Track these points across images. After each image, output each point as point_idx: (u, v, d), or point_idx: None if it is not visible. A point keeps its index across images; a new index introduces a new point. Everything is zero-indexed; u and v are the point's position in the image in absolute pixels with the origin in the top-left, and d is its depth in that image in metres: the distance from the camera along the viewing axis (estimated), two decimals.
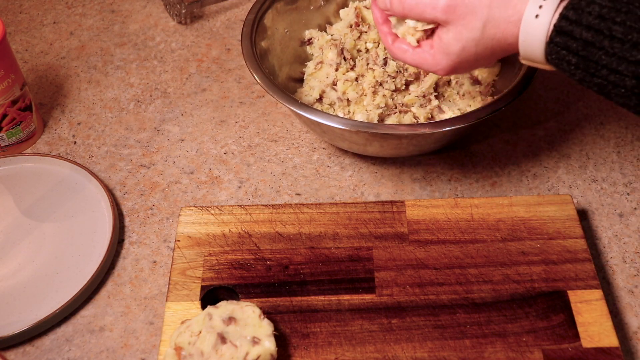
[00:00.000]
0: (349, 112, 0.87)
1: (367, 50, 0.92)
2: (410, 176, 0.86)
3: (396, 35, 0.72)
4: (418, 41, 0.70)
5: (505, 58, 0.91)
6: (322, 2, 0.96)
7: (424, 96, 0.87)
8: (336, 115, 0.80)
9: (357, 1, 0.96)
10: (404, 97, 0.88)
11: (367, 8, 0.95)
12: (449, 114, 0.86)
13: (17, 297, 0.75)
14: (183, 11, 1.05)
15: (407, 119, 0.86)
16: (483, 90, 0.88)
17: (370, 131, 0.76)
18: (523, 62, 0.65)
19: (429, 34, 0.69)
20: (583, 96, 0.94)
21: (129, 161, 0.89)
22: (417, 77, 0.89)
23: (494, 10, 0.62)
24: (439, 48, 0.67)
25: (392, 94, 0.87)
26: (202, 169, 0.88)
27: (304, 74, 0.93)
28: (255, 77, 0.82)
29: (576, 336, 0.68)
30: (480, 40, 0.64)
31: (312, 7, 0.96)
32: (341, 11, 0.96)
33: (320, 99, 0.89)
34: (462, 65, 0.67)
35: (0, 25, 0.83)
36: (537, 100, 0.94)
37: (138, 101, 0.96)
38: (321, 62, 0.91)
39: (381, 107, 0.85)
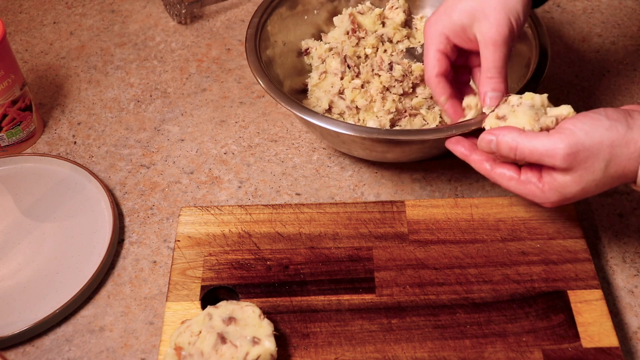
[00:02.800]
0: (359, 120, 0.87)
1: (367, 56, 0.92)
2: (410, 176, 0.86)
3: (494, 160, 0.67)
4: (521, 166, 0.66)
5: None
6: (316, 12, 0.96)
7: (431, 97, 0.87)
8: (365, 126, 0.80)
9: (350, 7, 0.96)
10: (412, 100, 0.87)
11: (361, 14, 0.95)
12: None
13: (17, 297, 0.75)
14: (183, 11, 1.06)
15: (417, 121, 0.86)
16: None
17: (403, 138, 0.76)
18: (635, 188, 0.64)
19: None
20: (583, 96, 0.94)
21: (129, 161, 0.89)
22: (422, 80, 0.89)
23: (616, 150, 0.60)
24: (551, 185, 0.63)
25: (400, 98, 0.87)
26: (202, 169, 0.88)
27: (305, 84, 0.93)
28: (278, 100, 0.80)
29: (576, 336, 0.68)
30: (601, 180, 0.61)
31: (306, 17, 0.95)
32: (335, 18, 0.96)
33: (329, 109, 0.88)
34: (573, 200, 0.64)
35: (0, 25, 0.83)
36: None
37: (138, 101, 0.96)
38: (325, 72, 0.90)
39: (392, 112, 0.85)
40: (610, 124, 0.60)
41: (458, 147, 0.70)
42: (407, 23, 0.97)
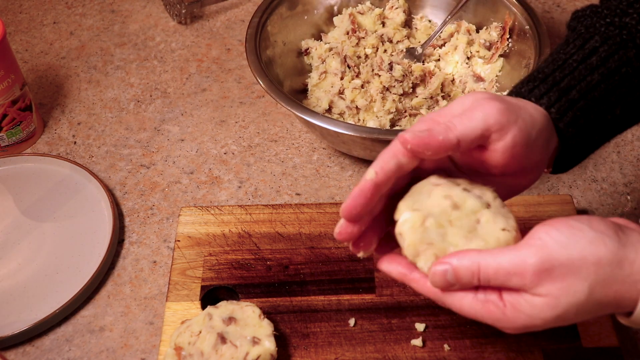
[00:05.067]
0: (359, 120, 0.87)
1: (367, 56, 0.92)
2: None
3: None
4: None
5: (504, 54, 0.91)
6: (316, 12, 0.96)
7: (431, 97, 0.87)
8: (365, 126, 0.79)
9: (350, 7, 0.96)
10: (412, 100, 0.87)
11: (361, 14, 0.95)
12: None
13: (17, 297, 0.75)
14: (183, 11, 1.06)
15: None
16: (487, 87, 0.88)
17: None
18: (624, 322, 0.52)
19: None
20: None
21: (129, 161, 0.89)
22: (423, 79, 0.89)
23: (604, 269, 0.48)
24: (517, 308, 0.50)
25: (400, 98, 0.87)
26: (202, 169, 0.88)
27: (305, 84, 0.93)
28: (278, 100, 0.80)
29: (576, 336, 0.68)
30: (584, 306, 0.49)
31: (306, 17, 0.95)
32: (335, 18, 0.96)
33: (329, 109, 0.88)
34: (544, 327, 0.50)
35: (0, 25, 0.83)
36: None
37: (138, 101, 0.96)
38: (325, 72, 0.90)
39: (392, 112, 0.85)
40: (596, 236, 0.48)
41: (393, 266, 0.55)
42: (407, 23, 0.97)
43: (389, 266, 0.55)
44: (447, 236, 0.52)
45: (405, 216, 0.53)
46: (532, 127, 0.54)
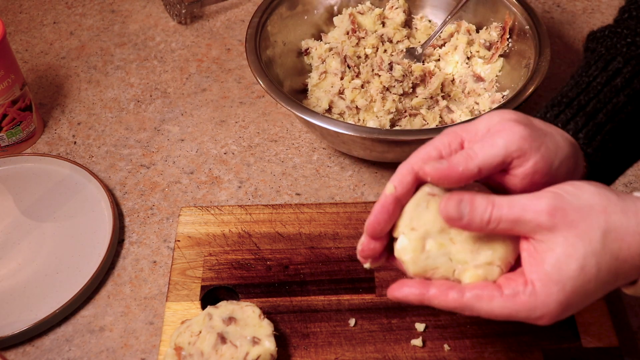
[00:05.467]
0: (359, 120, 0.87)
1: (367, 56, 0.92)
2: None
3: (454, 285, 0.51)
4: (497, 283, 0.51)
5: (504, 54, 0.91)
6: (316, 12, 0.96)
7: (431, 97, 0.87)
8: (365, 126, 0.79)
9: (350, 7, 0.96)
10: (412, 100, 0.87)
11: (361, 14, 0.95)
12: (457, 113, 0.87)
13: (17, 297, 0.75)
14: (183, 11, 1.06)
15: (417, 121, 0.86)
16: (487, 87, 0.88)
17: (403, 138, 0.76)
18: (630, 292, 0.53)
19: (507, 270, 0.52)
20: None
21: (129, 161, 0.89)
22: (423, 79, 0.89)
23: (612, 217, 0.49)
24: (544, 278, 0.49)
25: (400, 98, 0.87)
26: (202, 169, 0.88)
27: (305, 84, 0.93)
28: (278, 100, 0.81)
29: (576, 336, 0.68)
30: (602, 256, 0.49)
31: (306, 17, 0.95)
32: (335, 18, 0.96)
33: (329, 109, 0.88)
34: (578, 299, 0.49)
35: (0, 25, 0.83)
36: (537, 100, 0.94)
37: (138, 101, 0.96)
38: (325, 72, 0.90)
39: (392, 112, 0.85)
40: (598, 190, 0.50)
41: (405, 290, 0.53)
42: (407, 23, 0.97)
43: (401, 292, 0.53)
44: (452, 255, 0.52)
45: (403, 242, 0.52)
46: (555, 155, 0.53)
